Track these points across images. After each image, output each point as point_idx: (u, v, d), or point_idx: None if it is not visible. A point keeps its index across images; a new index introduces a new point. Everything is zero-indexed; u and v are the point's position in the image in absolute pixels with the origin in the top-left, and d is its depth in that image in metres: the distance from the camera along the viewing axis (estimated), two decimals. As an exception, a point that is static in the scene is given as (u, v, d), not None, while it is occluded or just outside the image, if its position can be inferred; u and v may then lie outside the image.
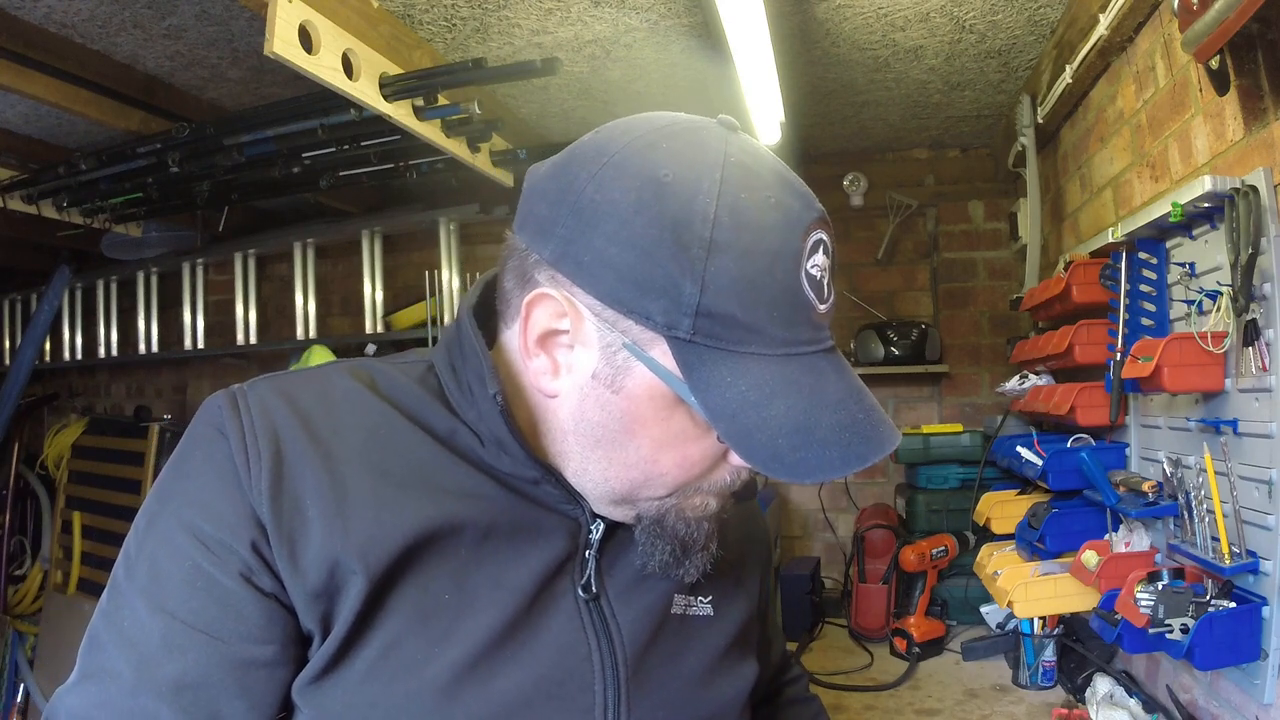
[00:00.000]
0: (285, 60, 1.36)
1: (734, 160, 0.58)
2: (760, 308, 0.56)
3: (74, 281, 3.39)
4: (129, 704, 0.58)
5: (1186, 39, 1.14)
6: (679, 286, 0.55)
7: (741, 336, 0.56)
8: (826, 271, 0.60)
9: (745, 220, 0.56)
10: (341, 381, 0.66)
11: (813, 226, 0.59)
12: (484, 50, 1.91)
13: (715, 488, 0.66)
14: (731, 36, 1.58)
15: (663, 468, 0.63)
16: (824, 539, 2.87)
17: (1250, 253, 1.12)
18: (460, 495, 0.64)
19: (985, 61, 2.08)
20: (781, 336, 0.57)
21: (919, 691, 1.89)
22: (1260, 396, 1.17)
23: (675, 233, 0.55)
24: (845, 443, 0.57)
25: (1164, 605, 1.21)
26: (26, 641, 3.45)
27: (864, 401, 0.60)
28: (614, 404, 0.61)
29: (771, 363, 0.57)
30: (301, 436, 0.61)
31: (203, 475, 0.60)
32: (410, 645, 0.61)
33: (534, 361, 0.63)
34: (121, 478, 3.19)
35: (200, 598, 0.58)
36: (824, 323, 0.60)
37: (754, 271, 0.55)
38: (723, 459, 0.65)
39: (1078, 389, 1.62)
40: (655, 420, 0.61)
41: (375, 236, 2.95)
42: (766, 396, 0.56)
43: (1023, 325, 2.59)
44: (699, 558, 0.67)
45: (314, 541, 0.59)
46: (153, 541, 0.61)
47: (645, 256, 0.55)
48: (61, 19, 1.74)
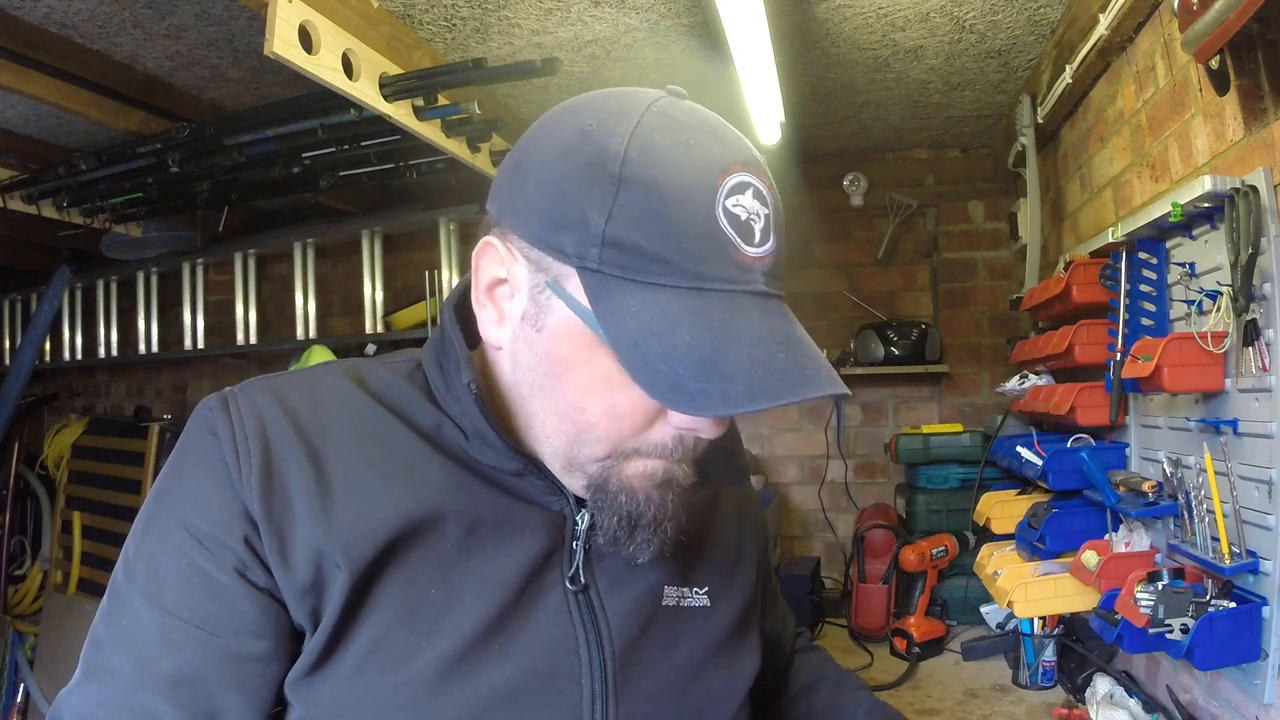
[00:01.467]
0: (285, 60, 1.36)
1: (657, 110, 0.60)
2: (668, 240, 0.56)
3: (74, 281, 3.39)
4: (128, 700, 0.59)
5: (1186, 39, 1.14)
6: (587, 219, 0.57)
7: (648, 267, 0.57)
8: (760, 217, 0.59)
9: (655, 157, 0.57)
10: (331, 381, 0.68)
11: (734, 168, 0.59)
12: (484, 50, 1.91)
13: (656, 449, 0.63)
14: (731, 36, 1.58)
15: (591, 416, 0.61)
16: (824, 539, 2.87)
17: (1250, 253, 1.12)
18: (445, 489, 0.65)
19: (985, 61, 2.08)
20: (694, 270, 0.57)
21: (919, 691, 1.89)
22: (1260, 396, 1.17)
23: (589, 171, 0.57)
24: (755, 378, 0.55)
25: (1164, 605, 1.21)
26: (26, 641, 3.45)
27: (792, 345, 0.58)
28: (539, 344, 0.62)
29: (681, 295, 0.57)
30: (290, 434, 0.63)
31: (196, 475, 0.62)
32: (397, 639, 0.62)
33: (483, 312, 0.66)
34: (121, 478, 3.18)
35: (196, 594, 0.60)
36: (755, 265, 0.59)
37: (661, 204, 0.56)
38: (661, 417, 0.62)
39: (1078, 389, 1.62)
40: (578, 362, 0.60)
41: (375, 236, 2.95)
42: (671, 326, 0.56)
43: (1023, 325, 2.59)
44: (650, 533, 0.64)
45: (301, 536, 0.60)
46: (150, 541, 0.62)
47: (561, 195, 0.58)
48: (61, 19, 1.74)
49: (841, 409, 2.83)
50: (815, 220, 2.94)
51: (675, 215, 0.56)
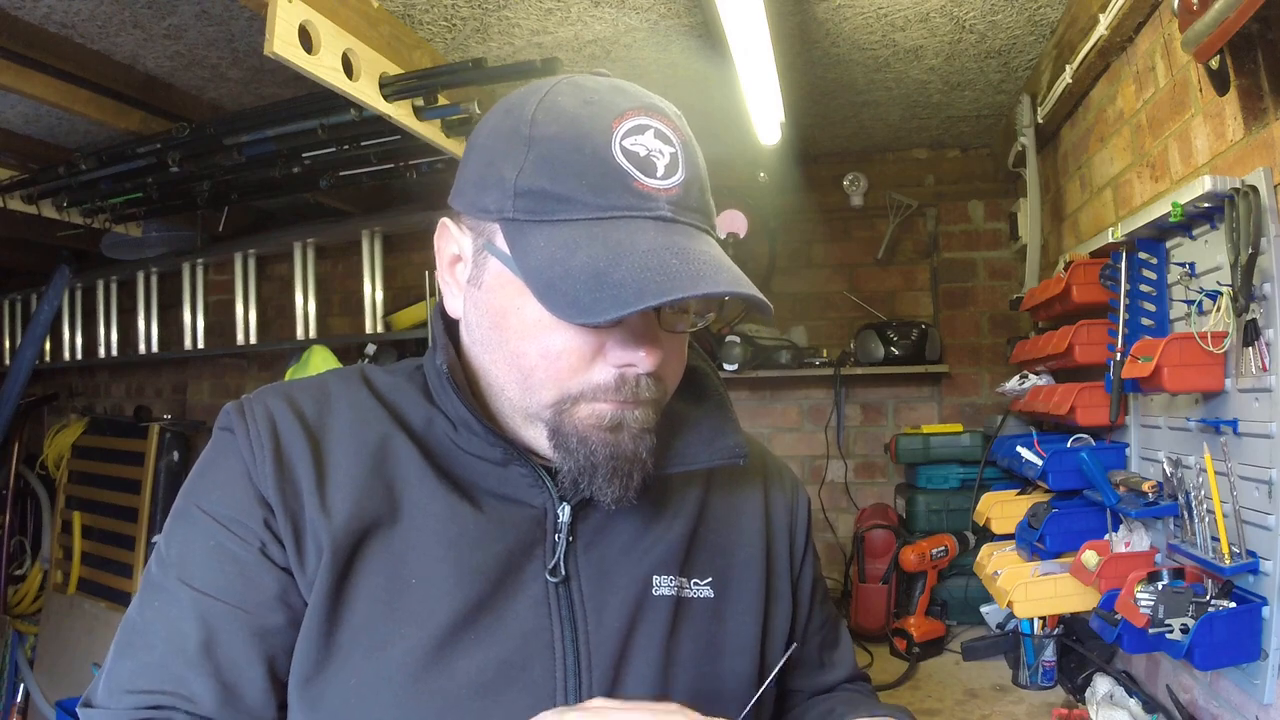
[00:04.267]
0: (285, 60, 1.36)
1: (568, 81, 0.67)
2: (569, 180, 0.62)
3: (74, 281, 3.39)
4: (160, 672, 0.64)
5: (1186, 39, 1.14)
6: (504, 177, 0.64)
7: (554, 207, 0.62)
8: (663, 154, 0.64)
9: (557, 115, 0.64)
10: (337, 384, 0.74)
11: (630, 113, 0.64)
12: (484, 50, 1.91)
13: (601, 391, 0.65)
14: (731, 36, 1.58)
15: (530, 360, 0.65)
16: (824, 539, 2.87)
17: (1250, 253, 1.12)
18: (430, 482, 0.69)
19: (985, 61, 2.08)
20: (594, 203, 0.62)
21: (919, 691, 1.89)
22: (1260, 396, 1.17)
23: (507, 138, 0.65)
24: (643, 281, 0.58)
25: (1164, 605, 1.21)
26: (26, 641, 3.45)
27: (690, 255, 0.61)
28: (481, 300, 0.68)
29: (582, 225, 0.62)
30: (297, 429, 0.69)
31: (218, 468, 0.69)
32: (380, 627, 0.65)
33: (445, 289, 0.73)
34: (121, 478, 3.18)
35: (223, 572, 0.65)
36: (658, 195, 0.63)
37: (562, 150, 0.62)
38: (599, 357, 0.64)
39: (1078, 389, 1.62)
40: (512, 309, 0.65)
41: (375, 236, 2.95)
42: (570, 252, 0.61)
43: (1023, 325, 2.59)
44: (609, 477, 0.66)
45: (306, 519, 0.66)
46: (181, 530, 0.68)
47: (488, 164, 0.66)
48: (61, 19, 1.74)
49: (841, 409, 2.83)
50: (815, 220, 2.94)
51: (574, 157, 0.62)
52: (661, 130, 0.64)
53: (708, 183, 0.68)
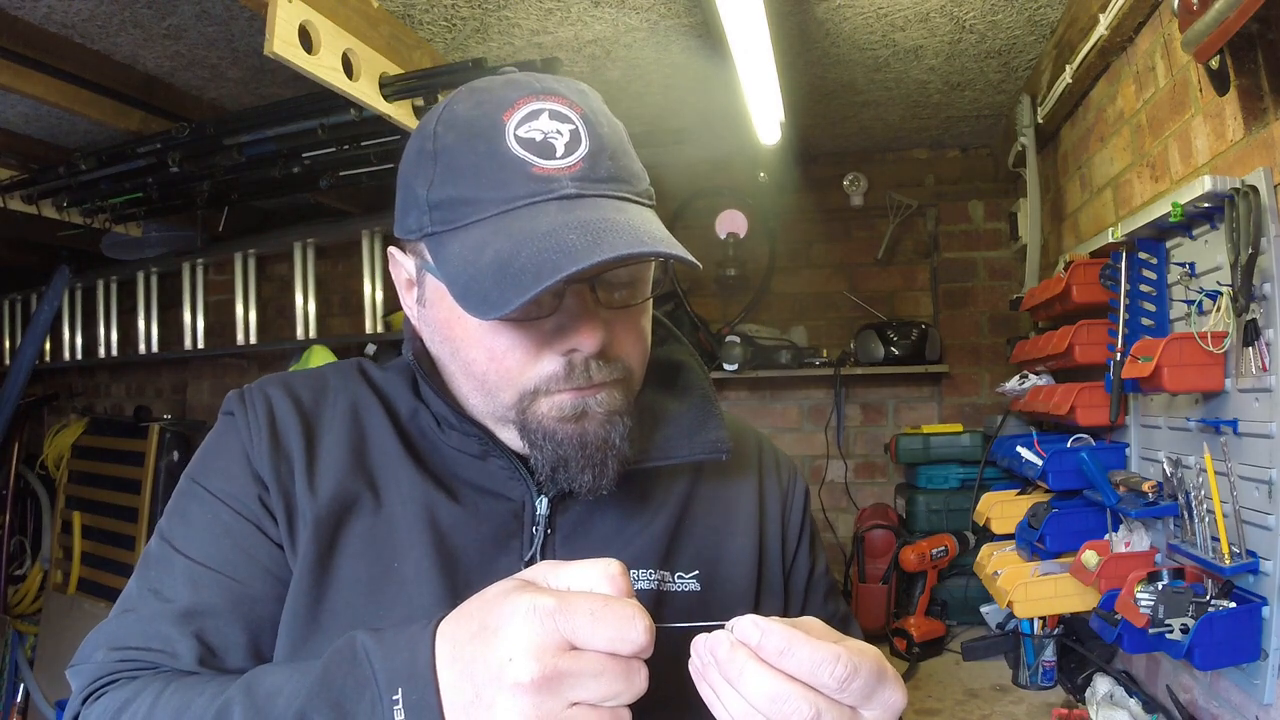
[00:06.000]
0: (285, 60, 1.36)
1: (468, 86, 0.69)
2: (470, 182, 0.63)
3: (74, 281, 3.38)
4: (149, 628, 0.66)
5: (1186, 39, 1.14)
6: (418, 195, 0.66)
7: (463, 211, 0.64)
8: (561, 134, 0.64)
9: (453, 124, 0.66)
10: (334, 375, 0.78)
11: (521, 101, 0.64)
12: (484, 50, 1.91)
13: (554, 381, 0.65)
14: (731, 36, 1.58)
15: (480, 366, 0.66)
16: (824, 539, 2.86)
17: (1250, 253, 1.12)
18: (411, 470, 0.71)
19: (985, 61, 2.08)
20: (497, 198, 0.63)
21: (919, 691, 1.89)
22: (1260, 396, 1.17)
23: (416, 159, 0.68)
24: (541, 264, 0.58)
25: (1164, 605, 1.21)
26: (26, 641, 3.45)
27: (590, 226, 0.60)
28: (430, 318, 0.70)
29: (489, 222, 0.63)
30: (292, 413, 0.72)
31: (217, 448, 0.73)
32: (361, 609, 0.67)
33: (406, 312, 0.75)
34: (121, 478, 3.18)
35: (220, 543, 0.68)
36: (559, 175, 0.63)
37: (460, 155, 0.64)
38: (546, 349, 0.65)
39: (1078, 389, 1.62)
40: (453, 320, 0.67)
41: (375, 236, 2.94)
42: (479, 252, 0.62)
43: (1023, 325, 2.59)
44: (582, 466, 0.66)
45: (296, 495, 0.69)
46: (181, 504, 0.72)
47: (406, 187, 0.69)
48: (61, 19, 1.74)
49: (841, 409, 2.83)
50: (815, 220, 2.94)
51: (471, 159, 0.64)
52: (557, 110, 0.64)
53: (624, 148, 0.68)
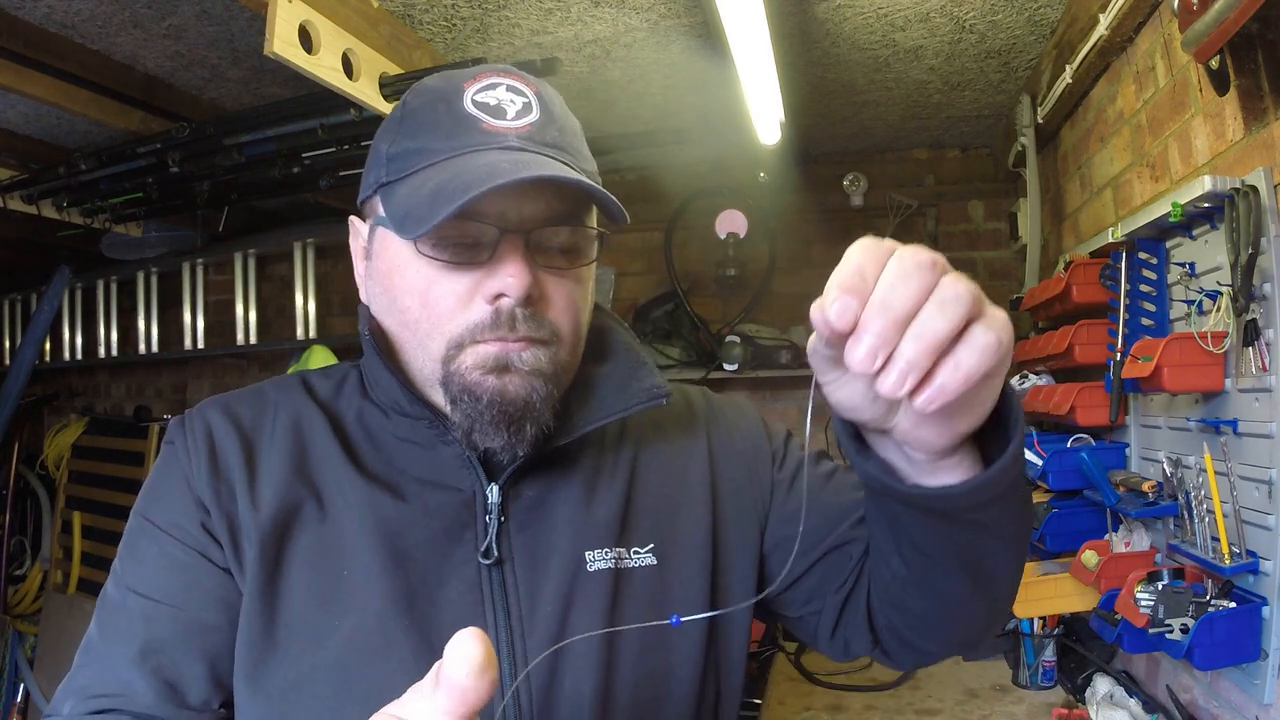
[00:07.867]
0: (285, 60, 1.36)
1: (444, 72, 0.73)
2: (425, 135, 0.68)
3: (74, 281, 3.38)
4: (108, 676, 0.66)
5: (1186, 39, 1.14)
6: (380, 151, 0.71)
7: (415, 160, 0.68)
8: (514, 103, 0.69)
9: (422, 91, 0.72)
10: (274, 390, 0.77)
11: (483, 75, 0.70)
12: (484, 50, 1.91)
13: (480, 330, 0.66)
14: (731, 36, 1.58)
15: (413, 314, 0.68)
16: (824, 539, 2.87)
17: (1250, 253, 1.12)
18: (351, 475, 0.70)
19: (985, 61, 2.08)
20: (447, 147, 0.67)
21: (919, 691, 1.89)
22: (1260, 396, 1.17)
23: (385, 127, 0.73)
24: (469, 184, 0.61)
25: (1164, 605, 1.21)
26: (26, 641, 3.45)
27: (522, 161, 0.64)
28: (375, 270, 0.72)
29: (435, 167, 0.67)
30: (232, 434, 0.72)
31: (160, 479, 0.73)
32: (315, 619, 0.67)
33: (359, 281, 0.76)
34: (121, 478, 3.19)
35: (166, 575, 0.68)
36: (508, 132, 0.68)
37: (421, 113, 0.70)
38: (477, 295, 0.66)
39: (1078, 389, 1.62)
40: (396, 268, 0.69)
41: (375, 236, 2.94)
42: (421, 187, 0.66)
43: (1023, 325, 2.59)
44: (503, 424, 0.66)
45: (240, 520, 0.69)
46: (130, 542, 0.72)
47: (372, 153, 0.73)
48: (61, 19, 1.74)
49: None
50: (815, 220, 2.93)
51: (430, 116, 0.69)
52: (514, 85, 0.70)
53: (574, 133, 0.72)
